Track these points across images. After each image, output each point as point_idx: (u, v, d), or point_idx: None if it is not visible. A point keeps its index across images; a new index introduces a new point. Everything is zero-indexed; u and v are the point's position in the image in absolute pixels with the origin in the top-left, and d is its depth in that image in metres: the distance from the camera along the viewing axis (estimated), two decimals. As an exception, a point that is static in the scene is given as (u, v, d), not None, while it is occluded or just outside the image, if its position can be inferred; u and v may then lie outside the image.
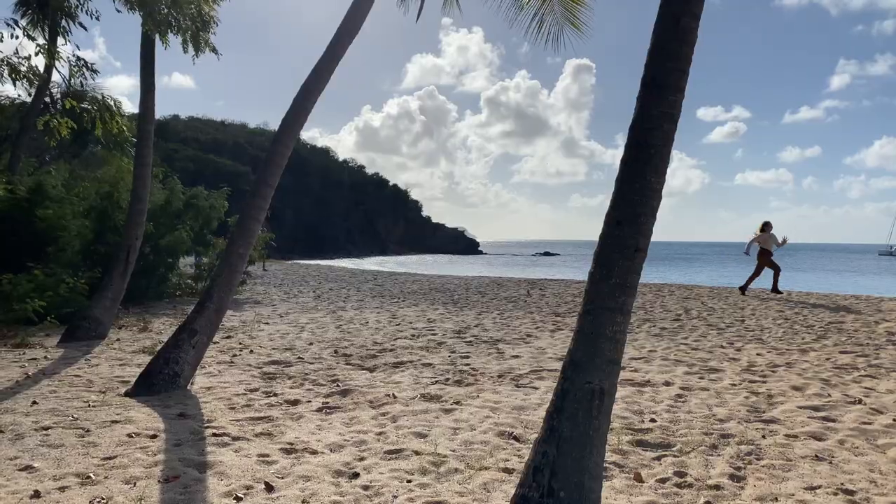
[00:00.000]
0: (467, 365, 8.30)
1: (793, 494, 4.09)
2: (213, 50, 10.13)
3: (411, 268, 46.05)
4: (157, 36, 9.55)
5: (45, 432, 5.11)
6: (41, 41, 10.64)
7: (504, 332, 11.23)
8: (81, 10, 10.48)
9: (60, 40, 11.74)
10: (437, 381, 7.32)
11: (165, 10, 9.04)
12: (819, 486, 4.20)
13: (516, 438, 5.18)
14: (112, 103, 13.99)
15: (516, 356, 8.96)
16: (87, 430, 5.19)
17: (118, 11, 10.25)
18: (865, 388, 7.00)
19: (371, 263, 56.39)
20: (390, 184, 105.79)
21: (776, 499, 4.03)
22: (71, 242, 12.50)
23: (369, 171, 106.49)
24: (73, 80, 11.23)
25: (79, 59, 11.06)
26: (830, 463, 4.65)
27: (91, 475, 4.21)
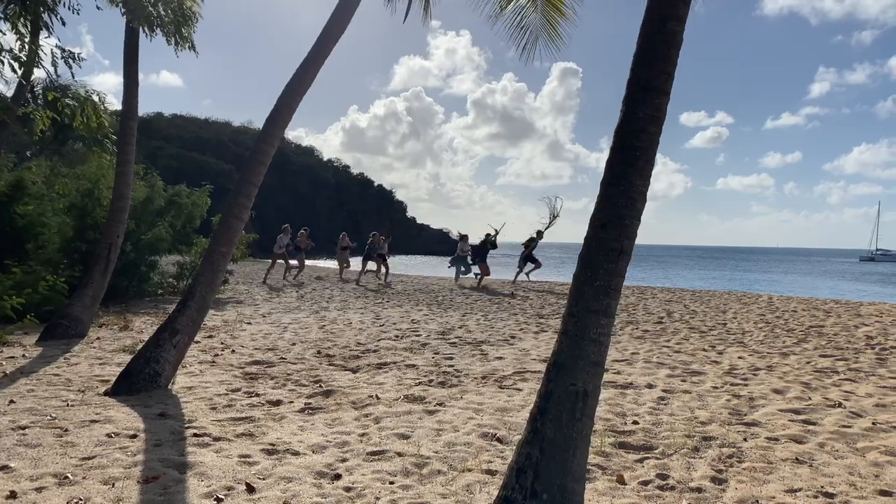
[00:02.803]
0: (451, 366, 8.29)
1: (773, 497, 4.12)
2: (192, 47, 10.07)
3: (395, 268, 45.86)
4: (142, 29, 9.49)
5: (22, 432, 5.02)
6: (22, 31, 10.48)
7: (488, 334, 11.23)
8: (61, 3, 10.34)
9: (43, 34, 11.60)
10: (420, 383, 7.30)
11: (149, 4, 9.00)
12: (800, 489, 4.24)
13: (499, 440, 5.18)
14: (96, 97, 13.81)
15: (500, 358, 8.96)
16: (66, 430, 5.11)
17: (99, 9, 10.13)
18: (845, 391, 7.08)
19: (355, 263, 55.96)
20: (375, 184, 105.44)
21: (757, 501, 4.06)
22: (51, 239, 12.34)
23: (354, 171, 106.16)
24: (58, 68, 11.09)
25: (63, 49, 10.92)
26: (811, 466, 4.69)
27: (69, 475, 4.15)
